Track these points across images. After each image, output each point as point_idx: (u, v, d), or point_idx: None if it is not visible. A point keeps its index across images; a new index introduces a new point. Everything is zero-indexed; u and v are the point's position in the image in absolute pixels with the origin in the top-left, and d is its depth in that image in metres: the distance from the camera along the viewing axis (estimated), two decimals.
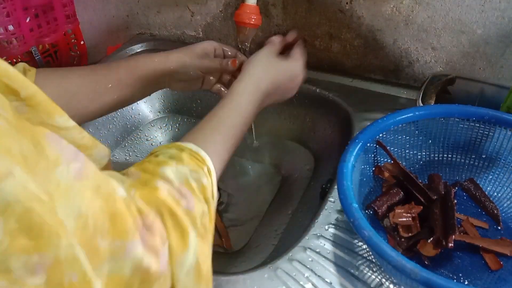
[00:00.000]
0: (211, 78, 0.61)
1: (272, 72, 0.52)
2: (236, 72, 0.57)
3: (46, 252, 0.22)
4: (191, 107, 0.89)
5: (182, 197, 0.34)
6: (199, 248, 0.33)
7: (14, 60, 0.81)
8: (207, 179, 0.37)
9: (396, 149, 0.55)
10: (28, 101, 0.24)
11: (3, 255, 0.20)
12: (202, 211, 0.35)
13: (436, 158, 0.57)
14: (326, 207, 0.55)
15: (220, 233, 0.68)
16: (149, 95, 0.60)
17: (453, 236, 0.45)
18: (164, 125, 0.90)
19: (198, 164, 0.38)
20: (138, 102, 0.89)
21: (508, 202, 0.53)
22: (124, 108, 0.87)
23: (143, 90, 0.57)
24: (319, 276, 0.47)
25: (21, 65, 0.50)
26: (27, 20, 0.79)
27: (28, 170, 0.22)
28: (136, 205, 0.30)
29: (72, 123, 0.29)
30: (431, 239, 0.47)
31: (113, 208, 0.27)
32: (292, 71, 0.55)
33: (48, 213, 0.22)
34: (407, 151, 0.56)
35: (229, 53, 0.62)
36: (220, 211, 0.74)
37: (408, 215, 0.50)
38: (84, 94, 0.53)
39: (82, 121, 0.55)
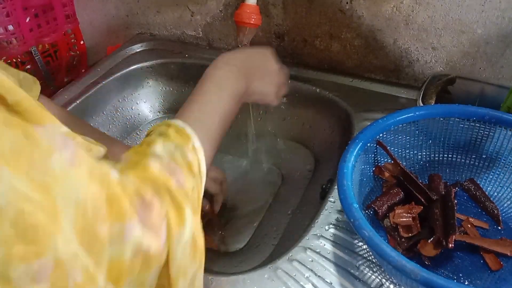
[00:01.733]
0: None
1: (240, 52, 0.51)
2: None
3: (45, 257, 0.21)
4: None
5: (173, 173, 0.34)
6: (194, 223, 0.34)
7: (14, 60, 0.81)
8: (192, 155, 0.37)
9: (396, 149, 0.55)
10: (16, 107, 0.23)
11: (1, 264, 0.20)
12: (192, 186, 0.35)
13: (436, 158, 0.57)
14: (326, 207, 0.55)
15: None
16: None
17: (454, 237, 0.45)
18: None
19: (183, 140, 0.38)
20: (138, 102, 0.89)
21: (508, 202, 0.53)
22: (124, 108, 0.87)
23: None
24: (319, 276, 0.47)
25: (27, 76, 0.50)
26: (27, 20, 0.79)
27: (18, 167, 0.21)
28: (132, 185, 0.30)
29: (65, 129, 0.28)
30: (432, 239, 0.47)
31: (108, 191, 0.27)
32: (261, 51, 0.54)
33: (40, 212, 0.22)
34: (407, 151, 0.56)
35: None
36: (220, 211, 0.74)
37: (408, 215, 0.50)
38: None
39: None
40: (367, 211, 0.52)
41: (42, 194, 0.22)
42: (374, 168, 0.54)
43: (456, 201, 0.49)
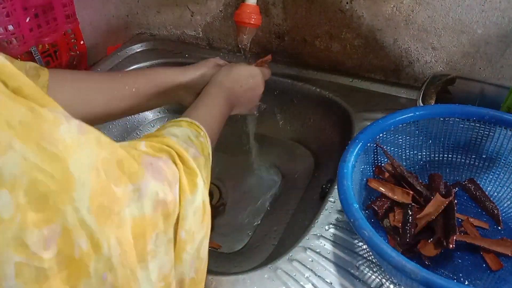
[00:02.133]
0: None
1: (231, 71, 0.60)
2: None
3: (54, 223, 0.22)
4: None
5: (189, 146, 0.39)
6: (205, 192, 0.37)
7: (19, 58, 0.81)
8: (204, 139, 0.43)
9: (396, 149, 0.55)
10: (18, 93, 0.24)
11: (18, 230, 0.21)
12: (204, 162, 0.40)
13: (436, 158, 0.57)
14: (326, 207, 0.55)
15: None
16: (161, 106, 0.64)
17: (454, 237, 0.45)
18: None
19: (195, 129, 0.44)
20: None
21: (509, 202, 0.53)
22: None
23: (158, 100, 0.60)
24: (319, 276, 0.47)
25: (33, 65, 0.51)
26: (27, 20, 0.79)
27: (28, 139, 0.22)
28: (138, 150, 0.34)
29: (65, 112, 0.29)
30: (432, 239, 0.47)
31: (116, 155, 0.29)
32: (250, 69, 0.61)
33: (51, 181, 0.22)
34: (407, 151, 0.56)
35: None
36: (221, 211, 0.74)
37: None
38: (100, 99, 0.56)
39: (95, 123, 0.58)
40: (367, 211, 0.52)
41: (54, 164, 0.23)
42: (374, 168, 0.54)
43: (456, 201, 0.49)
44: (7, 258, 0.20)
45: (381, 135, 0.53)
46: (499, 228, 0.52)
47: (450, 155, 0.57)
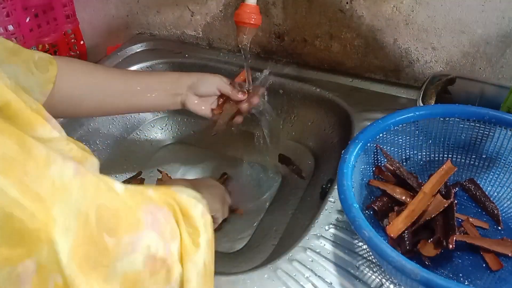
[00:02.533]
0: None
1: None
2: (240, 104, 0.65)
3: (28, 260, 0.21)
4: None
5: (198, 202, 0.37)
6: (209, 250, 0.35)
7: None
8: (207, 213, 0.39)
9: (396, 149, 0.55)
10: (5, 111, 0.23)
11: None
12: (210, 223, 0.38)
13: (436, 158, 0.57)
14: (326, 207, 0.55)
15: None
16: (168, 109, 0.68)
17: (454, 237, 0.45)
18: (164, 125, 0.90)
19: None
20: None
21: (508, 202, 0.53)
22: None
23: (165, 100, 0.62)
24: (319, 276, 0.47)
25: (44, 57, 0.51)
26: (27, 20, 0.79)
27: (9, 173, 0.21)
28: (144, 195, 0.32)
29: (56, 134, 0.28)
30: (432, 239, 0.47)
31: (115, 203, 0.27)
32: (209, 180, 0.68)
33: (29, 218, 0.21)
34: (407, 151, 0.56)
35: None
36: None
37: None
38: (111, 91, 0.58)
39: (101, 115, 0.68)
40: (367, 211, 0.52)
41: (36, 203, 0.22)
42: (374, 168, 0.54)
43: (456, 201, 0.49)
44: None
45: (381, 135, 0.53)
46: (499, 228, 0.52)
47: (450, 155, 0.57)
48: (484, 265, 0.48)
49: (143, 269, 0.28)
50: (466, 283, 0.46)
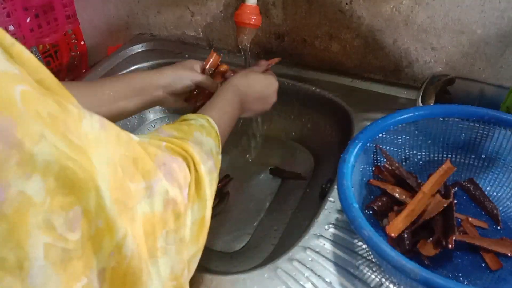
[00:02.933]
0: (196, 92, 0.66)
1: (249, 77, 0.60)
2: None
3: (78, 206, 0.24)
4: (190, 107, 0.89)
5: (209, 159, 0.40)
6: (209, 204, 0.38)
7: None
8: (220, 157, 0.45)
9: (396, 149, 0.55)
10: (41, 84, 0.25)
11: (47, 213, 0.22)
12: (216, 177, 0.42)
13: (436, 158, 0.57)
14: (326, 207, 0.55)
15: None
16: (144, 109, 0.63)
17: (454, 237, 0.45)
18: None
19: (218, 144, 0.45)
20: None
21: (508, 202, 0.53)
22: None
23: (138, 102, 0.60)
24: (319, 276, 0.47)
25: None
26: (28, 20, 0.79)
27: (57, 130, 0.23)
28: (161, 147, 0.35)
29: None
30: (431, 239, 0.47)
31: (133, 152, 0.30)
32: (267, 78, 0.62)
33: (80, 169, 0.24)
34: (407, 151, 0.56)
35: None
36: (221, 211, 0.74)
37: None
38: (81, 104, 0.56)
39: None
40: (366, 211, 0.52)
41: (81, 155, 0.24)
42: (374, 168, 0.54)
43: (455, 201, 0.49)
44: (37, 240, 0.21)
45: (380, 135, 0.53)
46: (499, 228, 0.52)
47: (449, 155, 0.57)
48: (483, 264, 0.48)
49: (163, 211, 0.31)
50: (465, 283, 0.46)
